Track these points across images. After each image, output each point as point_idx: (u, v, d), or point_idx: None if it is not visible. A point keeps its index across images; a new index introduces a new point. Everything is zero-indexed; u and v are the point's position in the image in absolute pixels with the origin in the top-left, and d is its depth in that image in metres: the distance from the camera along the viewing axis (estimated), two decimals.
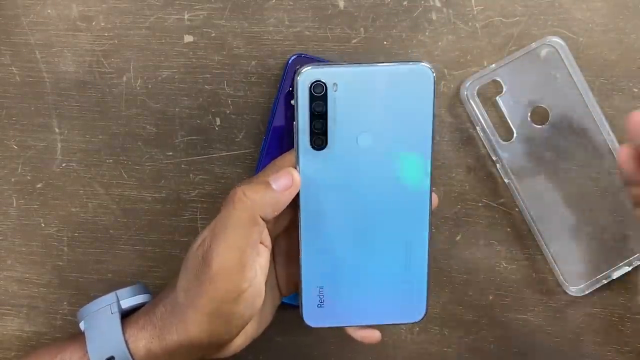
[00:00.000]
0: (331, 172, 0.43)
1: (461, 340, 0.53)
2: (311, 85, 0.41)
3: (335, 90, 0.41)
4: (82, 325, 0.46)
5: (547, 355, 0.53)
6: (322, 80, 0.41)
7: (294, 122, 0.42)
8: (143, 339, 0.43)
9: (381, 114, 0.42)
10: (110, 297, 0.46)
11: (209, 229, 0.43)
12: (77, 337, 0.45)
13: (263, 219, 0.42)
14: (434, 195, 0.45)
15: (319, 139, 0.42)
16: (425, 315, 0.46)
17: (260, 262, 0.43)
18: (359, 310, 0.46)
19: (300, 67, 0.42)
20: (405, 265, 0.45)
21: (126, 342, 0.43)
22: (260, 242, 0.43)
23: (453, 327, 0.53)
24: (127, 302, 0.46)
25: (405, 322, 0.46)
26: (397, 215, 0.44)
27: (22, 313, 0.54)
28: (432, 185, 0.43)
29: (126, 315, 0.45)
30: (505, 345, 0.53)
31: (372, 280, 0.45)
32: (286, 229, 0.45)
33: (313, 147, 0.42)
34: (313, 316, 0.45)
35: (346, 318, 0.46)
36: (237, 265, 0.41)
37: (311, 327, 0.45)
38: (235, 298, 0.41)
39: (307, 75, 0.41)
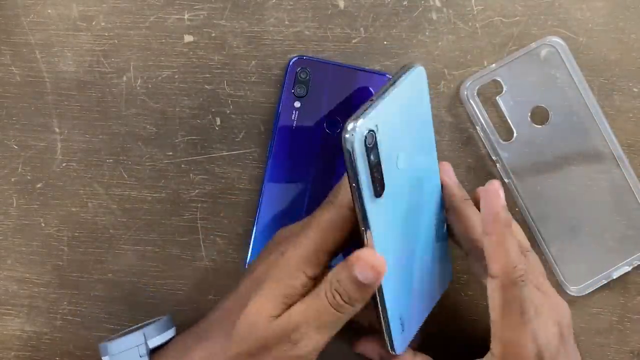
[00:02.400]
0: (393, 210, 0.41)
1: (462, 341, 0.53)
2: (365, 138, 0.37)
3: (377, 132, 0.38)
4: None
5: None
6: (372, 129, 0.37)
7: (352, 184, 0.38)
8: None
9: (405, 131, 0.40)
10: (138, 338, 0.44)
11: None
12: None
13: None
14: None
15: (380, 186, 0.39)
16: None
17: None
18: (421, 311, 0.46)
19: (342, 123, 0.39)
20: (438, 250, 0.46)
21: None
22: None
23: (453, 328, 0.53)
24: (155, 342, 0.45)
25: (442, 292, 0.48)
26: (433, 216, 0.45)
27: (22, 313, 0.53)
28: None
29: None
30: None
31: (425, 280, 0.46)
32: None
33: (376, 197, 0.39)
34: (400, 344, 0.44)
35: (416, 324, 0.46)
36: None
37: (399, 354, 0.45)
38: None
39: (359, 130, 0.36)
